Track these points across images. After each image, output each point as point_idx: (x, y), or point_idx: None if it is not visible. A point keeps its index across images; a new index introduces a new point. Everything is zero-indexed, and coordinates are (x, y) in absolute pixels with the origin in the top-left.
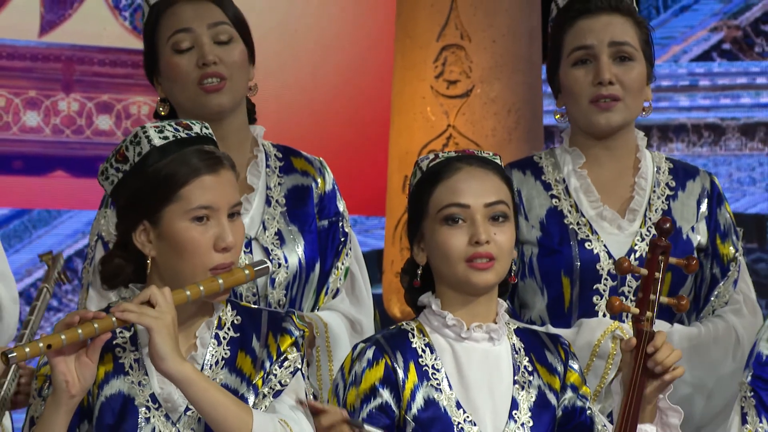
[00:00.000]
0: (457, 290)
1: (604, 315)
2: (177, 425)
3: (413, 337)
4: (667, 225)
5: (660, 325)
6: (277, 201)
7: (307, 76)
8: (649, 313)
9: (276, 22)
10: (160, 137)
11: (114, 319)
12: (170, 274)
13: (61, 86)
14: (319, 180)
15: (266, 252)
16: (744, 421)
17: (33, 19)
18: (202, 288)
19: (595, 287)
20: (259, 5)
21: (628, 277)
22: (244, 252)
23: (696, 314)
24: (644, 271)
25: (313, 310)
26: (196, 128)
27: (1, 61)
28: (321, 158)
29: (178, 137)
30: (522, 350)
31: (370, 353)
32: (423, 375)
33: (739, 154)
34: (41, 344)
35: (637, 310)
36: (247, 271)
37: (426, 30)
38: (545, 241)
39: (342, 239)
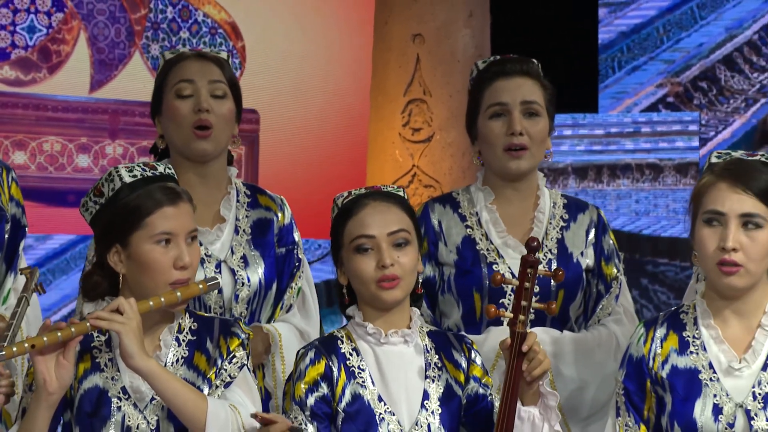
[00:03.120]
0: (372, 305)
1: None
2: (144, 412)
3: (342, 343)
4: (534, 244)
5: (551, 332)
6: (243, 230)
7: (315, 124)
8: (521, 317)
9: (290, 80)
10: (129, 176)
11: (88, 324)
12: (138, 287)
13: (108, 134)
14: (279, 215)
15: (233, 273)
16: (618, 414)
17: (84, 79)
18: (162, 299)
19: (500, 301)
20: (275, 67)
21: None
22: (215, 272)
23: (584, 323)
24: (516, 282)
25: (269, 321)
26: (161, 169)
27: (57, 113)
28: (282, 197)
29: (145, 176)
30: (432, 350)
31: (311, 354)
32: (350, 374)
33: (675, 188)
34: (26, 344)
35: (510, 315)
36: (200, 286)
37: (395, 87)
38: (460, 263)
39: (296, 264)
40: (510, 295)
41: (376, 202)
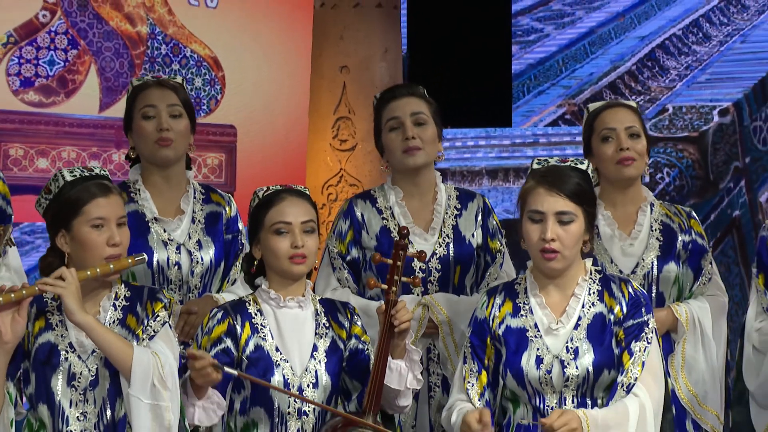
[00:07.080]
0: (282, 276)
1: (418, 294)
2: (86, 362)
3: (249, 305)
4: (404, 231)
5: (449, 297)
6: (199, 220)
7: (281, 136)
8: (394, 288)
9: (260, 101)
10: (70, 176)
11: (37, 288)
12: (80, 263)
13: (114, 145)
14: (227, 209)
15: (189, 254)
16: (464, 362)
17: (94, 102)
18: (98, 270)
19: (414, 275)
20: (248, 91)
21: (432, 269)
22: (176, 253)
23: (477, 288)
24: (389, 261)
25: (218, 292)
26: (96, 170)
27: (73, 128)
28: (230, 194)
29: (83, 175)
30: (322, 313)
31: (219, 315)
32: (254, 329)
33: None
34: None
35: (385, 286)
36: (129, 260)
37: (326, 107)
38: (378, 248)
39: (240, 247)
40: (417, 272)
41: (292, 196)
